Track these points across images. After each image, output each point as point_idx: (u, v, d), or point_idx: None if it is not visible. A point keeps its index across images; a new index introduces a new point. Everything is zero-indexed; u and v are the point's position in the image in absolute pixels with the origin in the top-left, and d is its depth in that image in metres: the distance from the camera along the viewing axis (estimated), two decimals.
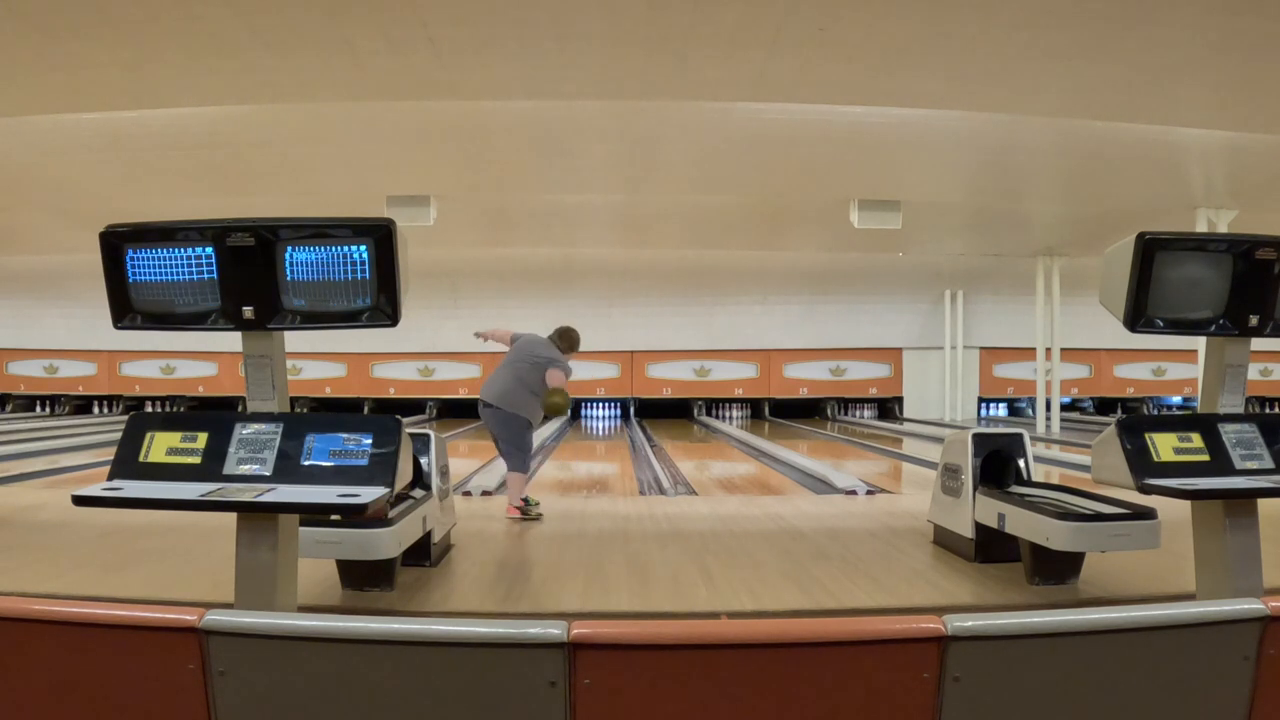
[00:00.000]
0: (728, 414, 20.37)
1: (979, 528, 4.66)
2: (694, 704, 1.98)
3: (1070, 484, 5.22)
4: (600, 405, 20.42)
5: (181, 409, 19.24)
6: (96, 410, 20.77)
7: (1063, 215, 13.05)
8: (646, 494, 8.72)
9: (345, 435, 2.96)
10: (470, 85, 7.31)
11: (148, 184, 10.45)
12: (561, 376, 6.24)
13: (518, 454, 6.30)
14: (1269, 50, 6.45)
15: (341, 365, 19.85)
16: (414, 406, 19.99)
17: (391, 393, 20.01)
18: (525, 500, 6.29)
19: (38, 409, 20.97)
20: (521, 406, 6.21)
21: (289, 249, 2.94)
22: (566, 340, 6.52)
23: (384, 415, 3.06)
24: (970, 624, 2.02)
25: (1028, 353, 17.64)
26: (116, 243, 2.97)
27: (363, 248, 2.92)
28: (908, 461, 12.38)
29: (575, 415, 20.21)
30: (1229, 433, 3.38)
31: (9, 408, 20.67)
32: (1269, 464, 3.31)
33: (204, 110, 8.09)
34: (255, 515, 2.86)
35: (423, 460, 4.66)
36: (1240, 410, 3.48)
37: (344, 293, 2.96)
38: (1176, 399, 20.34)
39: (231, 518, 2.91)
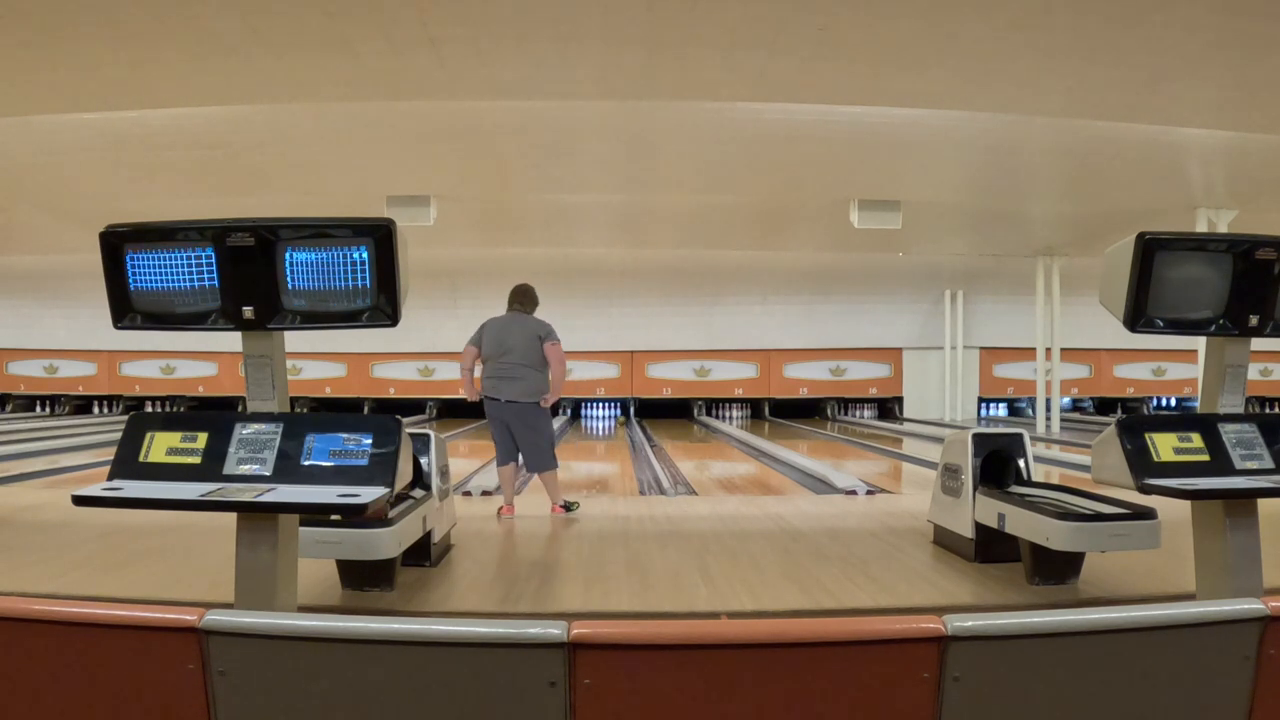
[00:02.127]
0: (728, 414, 20.37)
1: (979, 528, 4.66)
2: (694, 704, 1.98)
3: (1070, 484, 5.21)
4: (600, 405, 20.42)
5: (181, 409, 19.24)
6: (96, 410, 20.77)
7: (1063, 215, 13.04)
8: (646, 494, 8.72)
9: (345, 435, 2.96)
10: (470, 85, 7.31)
11: (148, 184, 10.45)
12: (561, 351, 6.20)
13: (545, 450, 6.24)
14: (1269, 50, 6.45)
15: (341, 365, 19.85)
16: (414, 406, 19.98)
17: (391, 393, 20.01)
18: (568, 504, 6.35)
19: (38, 409, 20.97)
20: (535, 393, 6.13)
21: (289, 249, 2.94)
22: (531, 301, 6.38)
23: (384, 415, 3.06)
24: (970, 624, 2.02)
25: (1028, 353, 17.64)
26: (116, 243, 2.97)
27: (363, 248, 2.92)
28: (908, 461, 12.38)
29: (575, 415, 20.21)
30: (1229, 433, 3.38)
31: (9, 408, 20.67)
32: (1269, 464, 3.31)
33: (204, 110, 8.09)
34: (255, 515, 2.86)
35: (423, 460, 4.66)
36: (1240, 410, 3.48)
37: (344, 293, 2.96)
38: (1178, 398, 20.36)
39: (231, 518, 2.91)
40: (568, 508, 6.34)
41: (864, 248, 15.66)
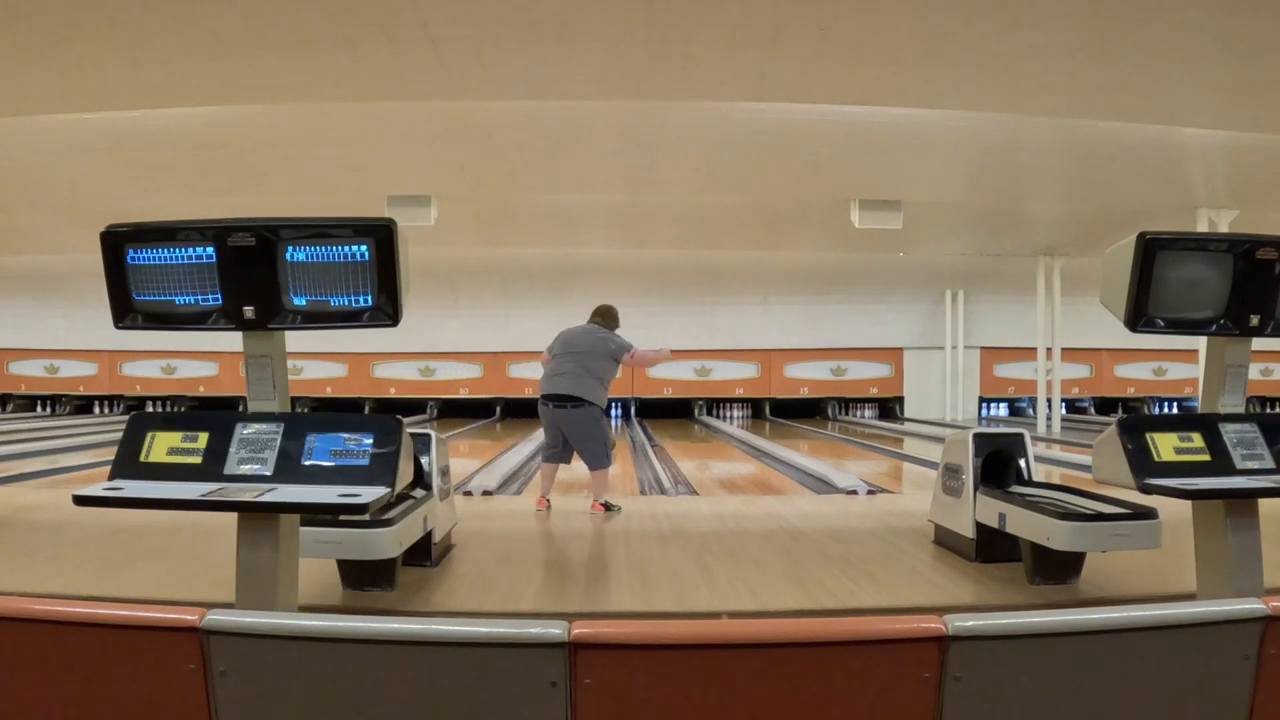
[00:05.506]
0: (728, 414, 20.37)
1: (980, 527, 4.66)
2: (694, 704, 1.98)
3: (1071, 484, 5.21)
4: None
5: (182, 409, 19.24)
6: (97, 410, 20.77)
7: (1063, 215, 13.05)
8: (647, 493, 8.72)
9: (346, 435, 2.96)
10: (471, 85, 7.31)
11: (148, 184, 10.45)
12: (641, 354, 6.38)
13: (597, 451, 6.35)
14: (1269, 50, 6.45)
15: (342, 365, 19.85)
16: (415, 406, 19.98)
17: (392, 393, 20.01)
18: (608, 504, 6.41)
19: (38, 409, 20.98)
20: (594, 395, 6.25)
21: (290, 249, 2.94)
22: (612, 319, 6.58)
23: (385, 415, 3.06)
24: (971, 624, 2.02)
25: (1028, 352, 17.64)
26: (117, 243, 2.97)
27: (364, 247, 2.92)
28: (908, 461, 12.38)
29: None
30: (1230, 432, 3.38)
31: (10, 408, 20.68)
32: (1270, 464, 3.31)
33: (204, 110, 8.08)
34: (256, 515, 2.86)
35: (423, 460, 4.66)
36: (1241, 410, 3.48)
37: (345, 292, 2.95)
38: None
39: (232, 518, 2.90)
40: (607, 507, 6.40)
41: (865, 248, 15.67)
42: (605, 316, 6.56)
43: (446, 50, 6.59)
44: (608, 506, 6.41)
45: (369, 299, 2.94)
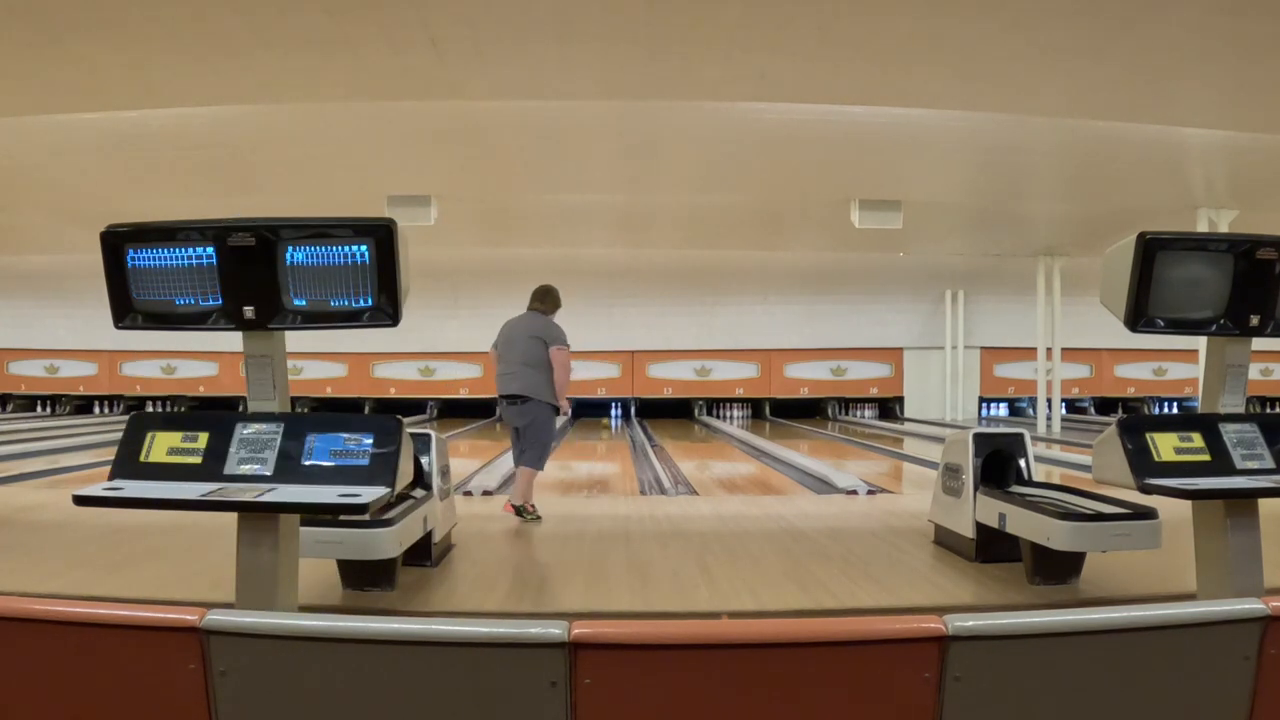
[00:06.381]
0: (729, 414, 20.37)
1: (980, 527, 4.66)
2: (694, 704, 1.98)
3: (1071, 484, 5.21)
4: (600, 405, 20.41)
5: (182, 409, 19.25)
6: (97, 410, 20.78)
7: (1063, 215, 13.05)
8: (647, 494, 8.72)
9: (346, 435, 2.96)
10: (471, 85, 7.31)
11: (148, 184, 10.45)
12: (565, 356, 6.03)
13: (532, 449, 6.06)
14: (1269, 50, 6.45)
15: (342, 365, 19.85)
16: (415, 406, 19.99)
17: (392, 393, 20.02)
18: (520, 508, 6.03)
19: (38, 409, 20.98)
20: (547, 392, 6.01)
21: (290, 249, 2.94)
22: (549, 301, 6.23)
23: (385, 415, 3.06)
24: (971, 624, 2.02)
25: (1028, 352, 17.65)
26: (117, 243, 2.97)
27: (364, 247, 2.92)
28: (908, 461, 12.38)
29: (576, 415, 20.21)
30: (1230, 432, 3.38)
31: (10, 408, 20.68)
32: (1270, 464, 3.31)
33: (204, 110, 8.09)
34: (256, 515, 2.86)
35: (423, 460, 4.66)
36: (1241, 410, 3.48)
37: (345, 293, 2.95)
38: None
39: (232, 518, 2.91)
40: (519, 511, 6.01)
41: (865, 248, 15.67)
42: (544, 300, 6.20)
43: (446, 50, 6.59)
44: (519, 511, 6.00)
45: (369, 299, 2.94)
